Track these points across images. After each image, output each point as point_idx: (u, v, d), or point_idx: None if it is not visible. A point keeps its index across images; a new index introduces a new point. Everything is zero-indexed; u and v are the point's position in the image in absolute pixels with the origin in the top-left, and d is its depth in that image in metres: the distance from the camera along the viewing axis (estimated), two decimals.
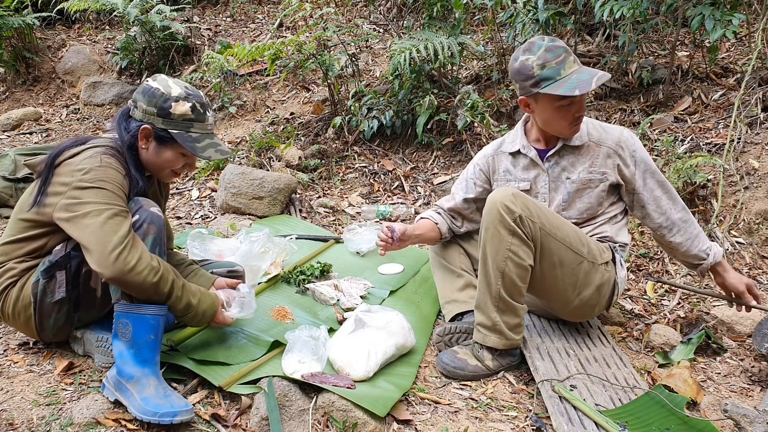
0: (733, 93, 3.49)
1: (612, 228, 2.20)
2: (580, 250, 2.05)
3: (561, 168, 2.17)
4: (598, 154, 2.14)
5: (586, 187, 2.15)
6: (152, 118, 1.85)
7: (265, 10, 5.98)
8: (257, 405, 1.75)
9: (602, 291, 2.12)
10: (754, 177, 3.00)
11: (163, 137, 1.87)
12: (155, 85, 1.86)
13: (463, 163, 3.76)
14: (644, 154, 2.16)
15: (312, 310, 2.37)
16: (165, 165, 1.92)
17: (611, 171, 2.14)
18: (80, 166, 1.76)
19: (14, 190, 3.23)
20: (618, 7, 3.20)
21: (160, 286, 1.73)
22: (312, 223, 3.33)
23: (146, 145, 1.89)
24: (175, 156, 1.91)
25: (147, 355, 1.74)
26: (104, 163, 1.78)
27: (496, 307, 2.00)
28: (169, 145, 1.88)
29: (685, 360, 2.18)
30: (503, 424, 1.84)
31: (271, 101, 4.74)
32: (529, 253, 1.97)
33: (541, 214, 1.99)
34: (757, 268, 2.76)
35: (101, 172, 1.75)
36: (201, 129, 1.90)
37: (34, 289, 1.82)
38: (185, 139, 1.86)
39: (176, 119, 1.85)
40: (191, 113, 1.87)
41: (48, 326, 1.88)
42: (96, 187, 1.73)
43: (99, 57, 5.45)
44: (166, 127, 1.85)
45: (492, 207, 1.96)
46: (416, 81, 3.87)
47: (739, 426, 1.75)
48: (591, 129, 2.17)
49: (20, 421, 1.67)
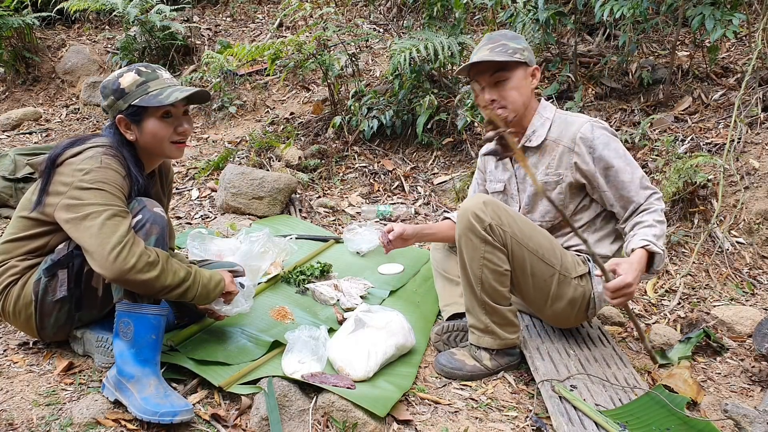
0: (734, 93, 3.49)
1: (588, 237, 2.08)
2: (552, 262, 1.99)
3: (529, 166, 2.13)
4: (555, 154, 2.04)
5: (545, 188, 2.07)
6: (116, 105, 1.86)
7: (265, 10, 5.98)
8: (257, 405, 1.75)
9: (575, 305, 2.05)
10: (754, 177, 3.00)
11: (134, 113, 1.85)
12: (104, 81, 1.90)
13: (463, 163, 3.76)
14: (605, 149, 1.97)
15: (312, 310, 2.37)
16: (157, 138, 1.87)
17: (567, 171, 2.02)
18: (81, 167, 1.76)
19: (14, 190, 3.23)
20: (618, 7, 3.20)
21: (161, 279, 1.71)
22: (312, 223, 3.33)
23: (131, 133, 1.88)
24: (158, 123, 1.86)
25: (148, 355, 1.74)
26: (104, 164, 1.78)
27: (483, 310, 2.00)
28: (144, 116, 1.85)
29: (685, 360, 2.18)
30: (503, 424, 1.83)
31: (271, 101, 4.74)
32: (503, 259, 1.95)
33: (512, 223, 1.95)
34: (757, 268, 2.76)
35: (101, 173, 1.75)
36: (159, 85, 1.86)
37: (35, 287, 1.82)
38: (148, 99, 1.82)
39: (131, 90, 1.83)
40: (139, 77, 1.85)
41: (48, 325, 1.88)
42: (96, 188, 1.73)
43: (99, 57, 5.45)
44: (128, 103, 1.84)
45: (463, 215, 1.96)
46: (416, 81, 3.87)
47: (740, 426, 1.75)
48: (555, 126, 2.07)
49: (20, 421, 1.67)
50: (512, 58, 1.99)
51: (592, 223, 2.09)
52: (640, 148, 3.33)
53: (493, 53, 1.99)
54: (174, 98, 1.82)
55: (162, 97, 1.82)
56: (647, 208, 1.94)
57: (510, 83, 2.01)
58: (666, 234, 2.00)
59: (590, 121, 2.01)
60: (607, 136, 1.99)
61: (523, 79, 2.02)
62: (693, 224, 2.93)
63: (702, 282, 2.71)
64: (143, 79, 1.84)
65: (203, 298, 1.86)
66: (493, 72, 2.00)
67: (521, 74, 2.02)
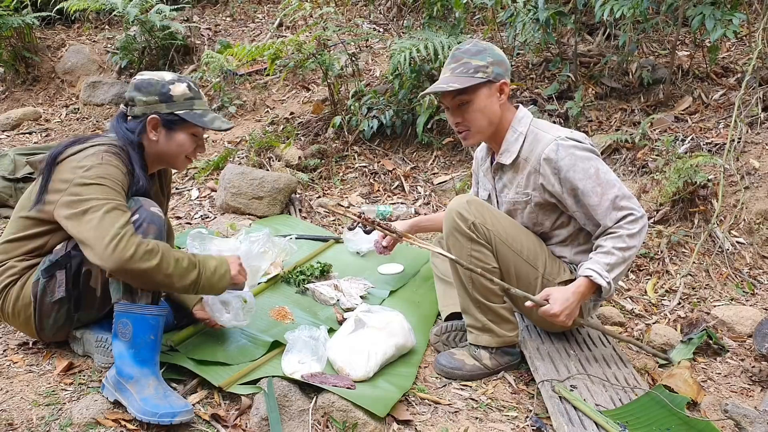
0: (734, 93, 3.48)
1: (570, 251, 2.05)
2: (536, 264, 1.98)
3: (503, 184, 2.09)
4: (524, 173, 1.98)
5: (515, 208, 2.05)
6: (155, 106, 1.88)
7: (265, 10, 5.98)
8: (257, 405, 1.75)
9: None
10: (754, 177, 3.00)
11: (172, 121, 1.90)
12: (146, 77, 1.90)
13: (463, 162, 3.75)
14: (570, 170, 1.87)
15: (312, 310, 2.37)
16: (179, 150, 1.94)
17: (535, 192, 1.97)
18: (82, 164, 1.76)
19: (14, 190, 3.23)
20: (618, 7, 3.20)
21: (162, 268, 1.69)
22: (312, 223, 3.33)
23: (156, 135, 1.91)
24: (187, 138, 1.94)
25: (146, 355, 1.74)
26: (105, 160, 1.78)
27: (478, 308, 2.01)
28: (179, 128, 1.92)
29: (685, 360, 2.18)
30: (503, 424, 1.83)
31: (271, 101, 4.74)
32: (490, 256, 1.94)
33: (496, 223, 1.94)
34: (757, 268, 2.76)
35: (102, 169, 1.76)
36: (202, 106, 1.95)
37: (34, 288, 1.82)
38: (193, 116, 1.91)
39: (178, 100, 1.90)
40: (189, 92, 1.92)
41: (47, 325, 1.88)
42: (97, 184, 1.73)
43: (98, 57, 5.44)
44: (171, 110, 1.89)
45: (448, 216, 1.96)
46: (416, 81, 3.87)
47: (740, 426, 1.75)
48: (527, 141, 1.98)
49: (20, 421, 1.67)
50: (473, 78, 1.92)
51: (574, 238, 2.04)
52: (640, 148, 3.33)
53: (453, 75, 1.95)
54: (217, 126, 1.93)
55: (206, 119, 1.93)
56: (613, 233, 1.86)
57: (473, 106, 1.95)
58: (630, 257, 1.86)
59: (557, 139, 1.91)
60: (574, 157, 1.88)
61: (488, 98, 1.95)
62: (693, 224, 2.93)
63: (702, 282, 2.71)
64: (192, 95, 1.92)
65: (209, 289, 1.83)
66: (454, 96, 1.95)
67: (485, 93, 1.95)
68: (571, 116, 3.55)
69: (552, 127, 2.02)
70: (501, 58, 1.98)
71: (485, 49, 1.98)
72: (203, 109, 1.94)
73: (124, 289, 1.74)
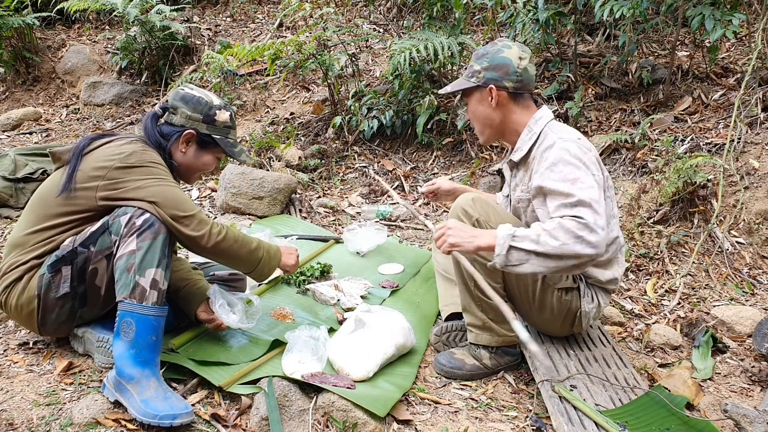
0: (733, 93, 3.49)
1: None
2: None
3: (515, 182, 2.09)
4: (530, 171, 1.96)
5: (520, 206, 2.04)
6: (197, 123, 1.99)
7: (265, 10, 5.98)
8: (257, 405, 1.75)
9: (560, 316, 2.02)
10: (754, 177, 3.00)
11: (207, 142, 2.02)
12: (197, 94, 2.01)
13: (463, 163, 3.76)
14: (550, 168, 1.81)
15: (312, 311, 2.37)
16: (200, 168, 2.06)
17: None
18: (120, 150, 1.84)
19: (14, 190, 3.23)
20: (618, 7, 3.20)
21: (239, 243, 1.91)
22: (312, 223, 3.33)
23: (185, 148, 2.01)
24: (212, 160, 2.07)
25: (147, 356, 1.74)
26: (144, 148, 1.88)
27: (479, 306, 2.01)
28: (210, 150, 2.04)
29: (686, 361, 2.18)
30: (503, 424, 1.84)
31: (271, 101, 4.74)
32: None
33: (499, 221, 1.92)
34: (757, 268, 2.76)
35: (147, 155, 1.86)
36: (234, 136, 2.10)
37: (39, 282, 1.82)
38: (226, 144, 2.04)
39: (219, 126, 2.03)
40: (230, 121, 2.06)
41: (49, 321, 1.88)
42: (143, 166, 1.82)
43: (99, 57, 5.45)
44: (210, 133, 2.01)
45: (453, 211, 2.00)
46: (416, 81, 3.87)
47: (739, 426, 1.75)
48: (539, 141, 1.97)
49: (20, 421, 1.67)
50: (467, 82, 2.01)
51: None
52: (640, 148, 3.33)
53: (461, 77, 2.08)
54: (242, 159, 2.10)
55: (236, 150, 2.07)
56: (551, 219, 1.75)
57: (469, 108, 2.08)
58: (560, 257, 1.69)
59: (561, 138, 1.86)
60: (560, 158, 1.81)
61: (479, 102, 2.01)
62: (693, 224, 2.94)
63: (702, 282, 2.71)
64: (230, 125, 2.07)
65: (267, 266, 2.04)
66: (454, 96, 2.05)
67: (476, 98, 2.01)
68: (571, 116, 3.55)
69: (565, 130, 1.95)
70: (500, 63, 1.97)
71: (487, 53, 2.00)
72: (234, 140, 2.08)
73: (133, 287, 1.75)
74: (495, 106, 1.99)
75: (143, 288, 1.75)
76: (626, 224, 2.98)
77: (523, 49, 2.00)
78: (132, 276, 1.74)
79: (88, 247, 1.79)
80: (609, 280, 2.00)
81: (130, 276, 1.74)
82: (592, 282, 2.01)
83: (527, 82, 1.99)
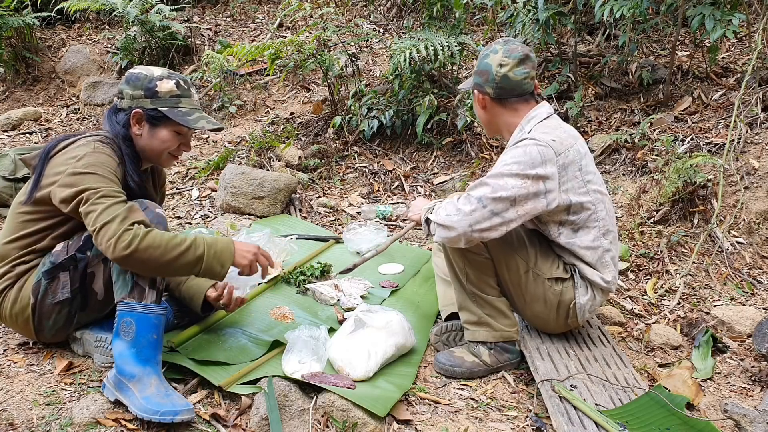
0: (733, 93, 3.49)
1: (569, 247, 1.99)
2: (526, 257, 1.98)
3: None
4: None
5: None
6: (140, 101, 1.89)
7: (265, 10, 5.98)
8: (257, 405, 1.75)
9: (552, 309, 2.02)
10: (754, 177, 3.00)
11: (155, 116, 1.90)
12: (137, 71, 1.92)
13: (463, 162, 3.76)
14: (499, 162, 1.92)
15: (312, 310, 2.37)
16: (161, 147, 1.94)
17: None
18: (73, 154, 1.79)
19: (14, 190, 3.23)
20: (618, 7, 3.20)
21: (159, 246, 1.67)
22: (312, 222, 3.33)
23: (140, 129, 1.92)
24: (170, 135, 1.93)
25: (148, 354, 1.74)
26: (96, 149, 1.81)
27: (474, 302, 2.02)
28: (162, 124, 1.91)
29: (686, 361, 2.18)
30: (503, 424, 1.84)
31: (271, 101, 4.74)
32: (481, 246, 1.96)
33: None
34: (757, 268, 2.76)
35: (94, 157, 1.78)
36: (189, 104, 1.94)
37: (35, 289, 1.83)
38: (176, 114, 1.90)
39: (164, 97, 1.89)
40: (177, 89, 1.91)
41: (47, 327, 1.88)
42: (90, 173, 1.74)
43: (99, 57, 5.44)
44: (155, 106, 1.89)
45: None
46: (416, 81, 3.87)
47: (739, 426, 1.75)
48: None
49: (20, 421, 1.67)
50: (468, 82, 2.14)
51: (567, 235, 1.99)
52: (640, 148, 3.33)
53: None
54: (200, 126, 1.91)
55: (190, 119, 1.91)
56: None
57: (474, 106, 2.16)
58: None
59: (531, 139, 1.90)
60: (513, 155, 1.88)
61: (475, 101, 2.10)
62: (693, 224, 2.93)
63: (702, 282, 2.71)
64: (179, 93, 1.92)
65: (217, 262, 1.76)
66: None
67: (474, 98, 2.09)
68: (571, 116, 3.55)
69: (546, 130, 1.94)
70: (482, 68, 1.99)
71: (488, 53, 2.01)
72: (189, 108, 1.93)
73: (131, 286, 1.75)
74: (482, 108, 2.08)
75: (142, 287, 1.75)
76: (626, 224, 2.98)
77: (508, 54, 1.95)
78: (130, 276, 1.74)
79: (86, 252, 1.80)
80: (596, 280, 1.99)
81: (128, 276, 1.74)
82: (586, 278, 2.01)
83: (510, 88, 1.97)
